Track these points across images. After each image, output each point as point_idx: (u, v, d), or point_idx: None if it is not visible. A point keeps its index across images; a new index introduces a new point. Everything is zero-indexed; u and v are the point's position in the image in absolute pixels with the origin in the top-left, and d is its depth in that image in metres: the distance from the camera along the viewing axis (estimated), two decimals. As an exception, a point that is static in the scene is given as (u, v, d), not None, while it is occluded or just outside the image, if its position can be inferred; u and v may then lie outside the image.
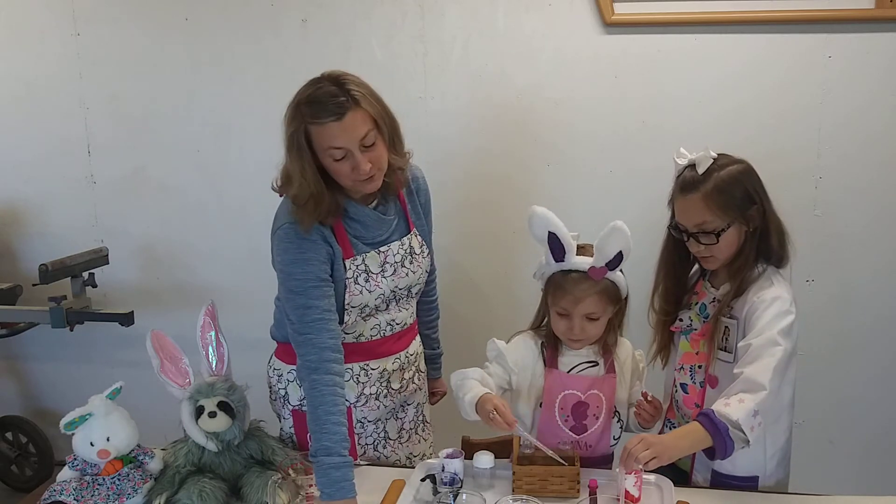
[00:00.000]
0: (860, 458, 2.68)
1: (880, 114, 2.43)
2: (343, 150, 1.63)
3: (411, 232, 1.87)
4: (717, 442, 1.55)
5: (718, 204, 1.63)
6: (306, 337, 1.68)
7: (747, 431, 1.55)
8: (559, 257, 1.70)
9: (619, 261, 1.67)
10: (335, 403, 1.66)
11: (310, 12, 2.65)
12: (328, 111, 1.61)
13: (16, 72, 2.88)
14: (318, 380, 1.66)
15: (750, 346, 1.60)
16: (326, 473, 1.60)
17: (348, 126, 1.62)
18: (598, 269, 1.68)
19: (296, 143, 1.65)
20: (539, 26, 2.53)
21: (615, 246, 1.65)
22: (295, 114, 1.65)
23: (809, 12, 2.37)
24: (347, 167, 1.66)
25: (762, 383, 1.56)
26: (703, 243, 1.67)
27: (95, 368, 3.05)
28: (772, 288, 1.66)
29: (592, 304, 1.70)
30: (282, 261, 1.72)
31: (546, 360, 1.80)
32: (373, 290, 1.78)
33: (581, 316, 1.71)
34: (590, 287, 1.69)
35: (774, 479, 1.76)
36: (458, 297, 2.73)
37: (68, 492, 1.61)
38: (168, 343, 1.74)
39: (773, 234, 1.68)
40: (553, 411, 1.76)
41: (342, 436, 1.64)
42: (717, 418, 1.55)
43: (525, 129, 2.62)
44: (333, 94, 1.62)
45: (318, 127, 1.62)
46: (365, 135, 1.63)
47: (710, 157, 1.65)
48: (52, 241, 2.94)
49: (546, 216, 1.68)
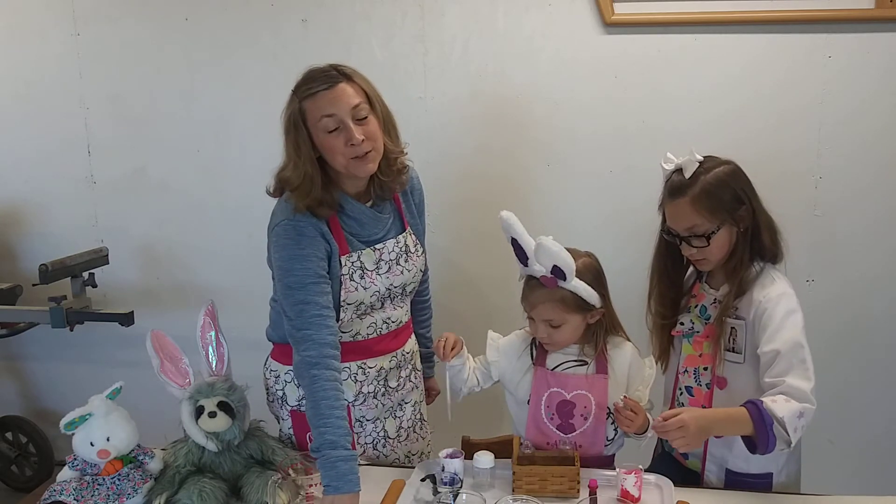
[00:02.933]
0: (860, 458, 2.68)
1: (880, 114, 2.43)
2: (335, 120, 1.66)
3: (406, 230, 1.89)
4: (760, 434, 1.55)
5: (706, 207, 1.64)
6: (305, 333, 1.69)
7: (790, 432, 1.55)
8: (524, 262, 1.73)
9: (562, 273, 1.67)
10: (336, 398, 1.67)
11: (310, 12, 2.65)
12: (319, 81, 1.67)
13: (16, 71, 2.88)
14: (318, 375, 1.66)
15: (778, 353, 1.60)
16: (334, 466, 1.60)
17: (339, 94, 1.66)
18: (548, 278, 1.69)
19: (292, 123, 1.69)
20: (539, 26, 2.53)
21: (546, 261, 1.67)
22: (291, 98, 1.71)
23: (809, 12, 2.37)
24: (341, 141, 1.67)
25: (807, 394, 1.57)
26: (694, 246, 1.68)
27: (95, 368, 3.05)
28: (774, 285, 1.67)
29: (548, 310, 1.72)
30: (280, 257, 1.73)
31: (535, 357, 1.81)
32: (368, 288, 1.79)
33: (542, 321, 1.74)
34: (544, 294, 1.71)
35: (786, 473, 1.76)
36: (456, 296, 2.74)
37: (68, 492, 1.61)
38: (168, 343, 1.75)
39: (765, 232, 1.69)
40: (539, 409, 1.77)
41: (345, 429, 1.65)
42: (764, 409, 1.55)
43: (525, 128, 2.62)
44: (325, 70, 1.69)
45: (310, 100, 1.67)
46: (356, 105, 1.67)
47: (695, 161, 1.66)
48: (52, 241, 2.94)
49: (509, 222, 1.71)
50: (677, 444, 1.54)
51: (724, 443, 1.72)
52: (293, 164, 1.70)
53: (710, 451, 1.76)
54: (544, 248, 1.65)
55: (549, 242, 1.64)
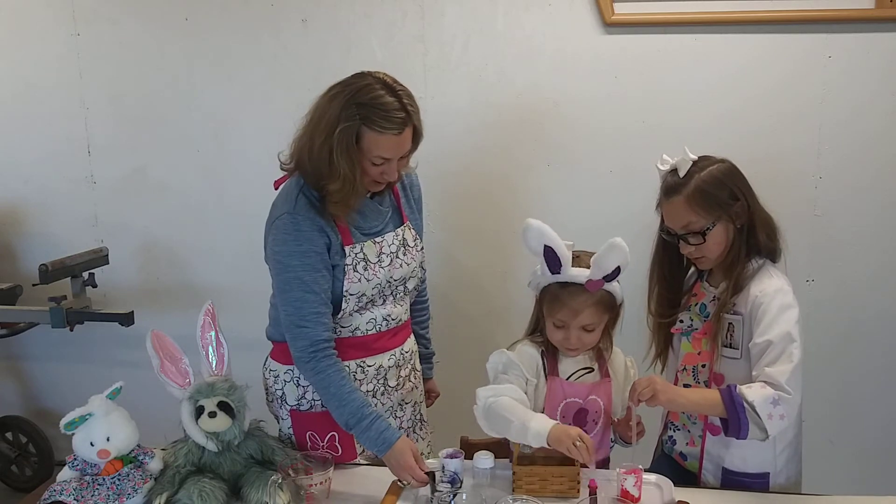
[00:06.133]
0: (860, 458, 2.68)
1: (880, 114, 2.43)
2: (386, 160, 1.70)
3: (405, 224, 1.90)
4: (731, 415, 1.58)
5: (700, 204, 1.66)
6: (302, 330, 1.72)
7: (764, 418, 1.56)
8: (555, 270, 1.69)
9: (616, 274, 1.68)
10: (342, 377, 1.72)
11: (310, 12, 2.65)
12: (392, 123, 1.66)
13: (16, 71, 2.88)
14: (318, 364, 1.72)
15: (770, 343, 1.61)
16: (366, 436, 1.69)
17: (403, 141, 1.70)
18: (596, 281, 1.67)
19: (345, 139, 1.66)
20: (539, 26, 2.54)
21: (614, 262, 1.66)
22: (350, 111, 1.66)
23: (809, 12, 2.37)
24: (378, 171, 1.72)
25: (782, 382, 1.58)
26: (692, 244, 1.69)
27: (95, 368, 3.05)
28: (772, 280, 1.68)
29: (589, 315, 1.70)
30: (279, 251, 1.73)
31: (547, 368, 1.78)
32: (371, 279, 1.80)
33: (578, 327, 1.70)
34: (587, 299, 1.69)
35: (785, 475, 1.76)
36: (456, 296, 2.74)
37: (68, 492, 1.61)
38: (168, 343, 1.74)
39: (761, 229, 1.70)
40: (555, 419, 1.75)
41: (360, 400, 1.71)
42: (736, 393, 1.58)
43: (525, 128, 2.62)
44: (396, 107, 1.67)
45: (376, 134, 1.66)
46: (408, 150, 1.73)
47: (689, 160, 1.68)
48: (52, 241, 2.94)
49: (541, 229, 1.67)
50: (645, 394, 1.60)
51: (722, 441, 1.72)
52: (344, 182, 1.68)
53: (707, 449, 1.76)
54: (619, 248, 1.63)
55: (623, 242, 1.63)
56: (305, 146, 1.72)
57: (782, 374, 1.58)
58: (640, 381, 1.64)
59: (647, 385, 1.62)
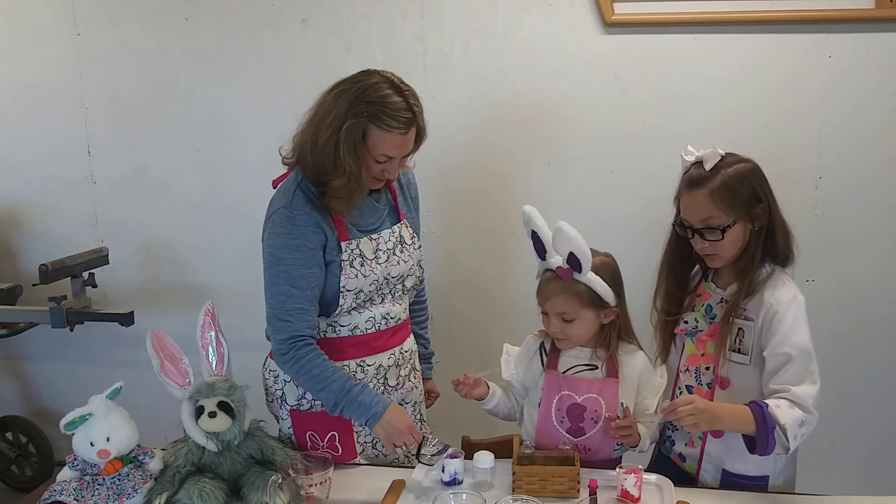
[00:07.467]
0: (860, 458, 2.68)
1: (880, 114, 2.43)
2: (389, 158, 1.72)
3: (401, 221, 1.91)
4: (761, 435, 1.56)
5: (724, 200, 1.63)
6: (284, 324, 1.74)
7: (790, 438, 1.56)
8: (542, 256, 1.74)
9: (577, 262, 1.67)
10: (322, 359, 1.75)
11: (310, 12, 2.65)
12: (399, 122, 1.68)
13: (16, 71, 2.88)
14: (297, 353, 1.74)
15: (790, 358, 1.60)
16: (356, 404, 1.72)
17: (407, 140, 1.73)
18: (564, 269, 1.70)
19: (352, 136, 1.68)
20: (539, 26, 2.54)
21: (563, 247, 1.67)
22: (359, 108, 1.67)
23: (809, 12, 2.37)
24: (380, 168, 1.74)
25: (810, 405, 1.59)
26: (708, 240, 1.66)
27: (95, 368, 3.05)
28: (786, 288, 1.67)
29: (562, 303, 1.72)
30: (273, 245, 1.74)
31: (546, 360, 1.81)
32: (367, 276, 1.80)
33: (555, 314, 1.74)
34: (559, 287, 1.72)
35: (783, 477, 1.76)
36: (456, 296, 2.74)
37: (68, 492, 1.61)
38: (168, 343, 1.74)
39: (779, 234, 1.68)
40: (550, 412, 1.76)
41: (344, 377, 1.74)
42: (768, 413, 1.56)
43: (525, 128, 2.62)
44: (403, 107, 1.69)
45: (383, 132, 1.68)
46: (411, 150, 1.76)
47: (717, 154, 1.66)
48: (52, 241, 2.94)
49: (530, 215, 1.73)
50: (687, 421, 1.55)
51: (722, 443, 1.72)
52: (349, 178, 1.69)
53: (708, 450, 1.75)
54: (562, 232, 1.65)
55: (567, 227, 1.64)
56: (309, 140, 1.72)
57: (809, 397, 1.58)
58: (682, 406, 1.55)
59: (690, 412, 1.54)
